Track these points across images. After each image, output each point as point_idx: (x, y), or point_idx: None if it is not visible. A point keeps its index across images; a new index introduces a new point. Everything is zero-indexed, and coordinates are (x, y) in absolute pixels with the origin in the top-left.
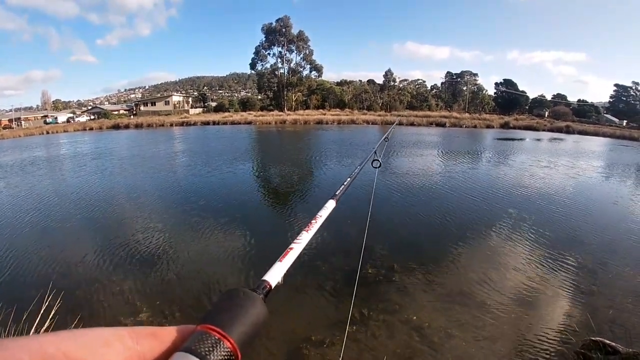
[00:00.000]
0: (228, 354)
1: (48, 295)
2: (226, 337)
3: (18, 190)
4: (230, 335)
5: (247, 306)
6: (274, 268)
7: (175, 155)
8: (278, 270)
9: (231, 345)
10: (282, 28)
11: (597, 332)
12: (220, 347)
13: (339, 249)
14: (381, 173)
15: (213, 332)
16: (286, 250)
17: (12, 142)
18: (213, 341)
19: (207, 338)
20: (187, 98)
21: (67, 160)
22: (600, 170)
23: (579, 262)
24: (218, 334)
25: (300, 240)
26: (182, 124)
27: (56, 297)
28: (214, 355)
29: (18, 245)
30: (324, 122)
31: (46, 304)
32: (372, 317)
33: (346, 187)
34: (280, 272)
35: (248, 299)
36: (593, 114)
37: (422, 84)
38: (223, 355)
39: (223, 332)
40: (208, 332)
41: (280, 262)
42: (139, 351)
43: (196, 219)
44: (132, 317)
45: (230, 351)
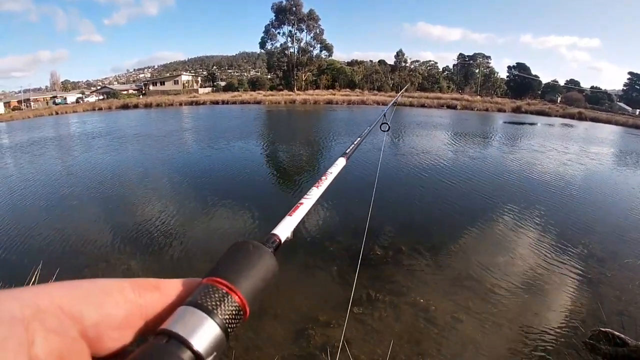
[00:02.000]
0: (236, 308)
1: (53, 273)
2: (234, 290)
3: (26, 170)
4: (238, 288)
5: (256, 259)
6: (283, 222)
7: (184, 133)
8: (288, 225)
9: (239, 299)
10: (293, 7)
11: (606, 323)
12: (227, 300)
13: (346, 227)
14: (389, 153)
15: (220, 285)
16: (296, 205)
17: (22, 123)
18: (220, 295)
19: (213, 291)
20: (196, 77)
21: (76, 140)
22: (612, 158)
23: (588, 251)
24: (225, 287)
25: (310, 196)
26: (191, 104)
27: (61, 275)
28: (220, 310)
29: (23, 222)
30: (333, 102)
31: (48, 279)
32: (379, 299)
33: (356, 145)
34: (290, 227)
35: (257, 251)
36: (606, 101)
37: (433, 66)
38: (230, 310)
39: (230, 285)
40: (214, 285)
41: (290, 217)
42: (141, 304)
43: (205, 196)
44: None
45: (238, 305)
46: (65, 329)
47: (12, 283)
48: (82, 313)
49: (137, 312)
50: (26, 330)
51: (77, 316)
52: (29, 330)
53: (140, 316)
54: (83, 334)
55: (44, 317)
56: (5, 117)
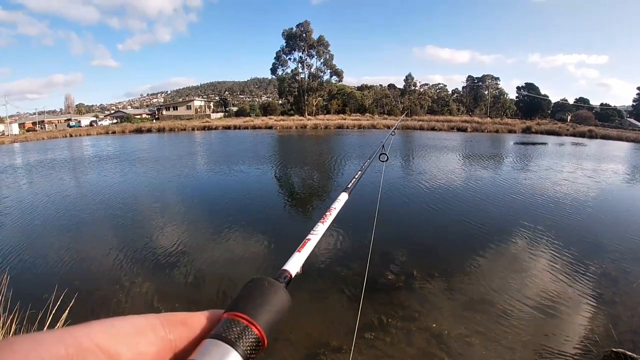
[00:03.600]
0: (255, 339)
1: (66, 294)
2: (253, 323)
3: (41, 189)
4: (256, 321)
5: (271, 294)
6: (293, 258)
7: (197, 157)
8: (297, 260)
9: (258, 332)
10: (303, 33)
11: (618, 343)
12: (248, 333)
13: (356, 252)
14: (399, 176)
15: (240, 319)
16: (304, 241)
17: (35, 145)
18: (241, 328)
19: (235, 325)
20: (208, 103)
21: (90, 162)
22: (624, 175)
23: (601, 270)
24: (245, 320)
25: (316, 232)
26: (203, 128)
27: (74, 297)
28: (242, 341)
29: (38, 243)
30: (344, 127)
31: (63, 304)
32: (390, 324)
33: (357, 179)
34: (299, 262)
35: (272, 287)
36: (616, 118)
37: (442, 88)
38: (251, 341)
39: (250, 319)
40: (235, 319)
41: (299, 253)
42: (171, 340)
43: (218, 220)
44: None
45: (257, 337)
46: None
47: (32, 306)
48: (119, 352)
49: (167, 347)
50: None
51: (115, 355)
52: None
53: (170, 351)
54: None
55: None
56: (20, 137)
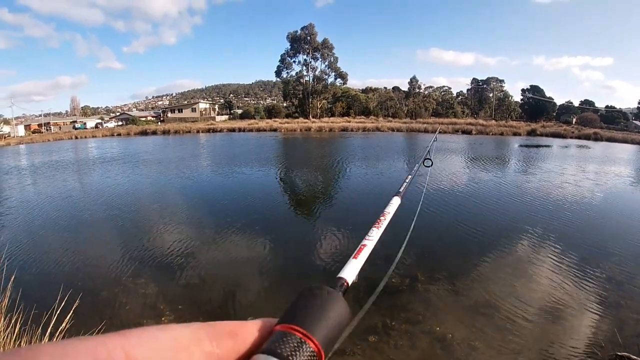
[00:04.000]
0: (312, 355)
1: (70, 295)
2: (310, 337)
3: (45, 191)
4: (313, 335)
5: (329, 304)
6: (349, 265)
7: (201, 160)
8: (353, 267)
9: (315, 347)
10: (307, 36)
11: (623, 347)
12: (304, 348)
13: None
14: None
15: (295, 332)
16: (359, 247)
17: (41, 146)
18: (296, 342)
19: (289, 338)
20: (213, 105)
21: (95, 164)
22: (629, 178)
23: (606, 274)
24: (301, 334)
25: (371, 237)
26: (208, 131)
27: (78, 298)
28: (297, 357)
29: (41, 243)
30: (349, 130)
31: (68, 305)
32: (395, 327)
33: (408, 183)
34: (355, 269)
35: (330, 296)
36: (621, 120)
37: (447, 91)
38: (307, 357)
39: (306, 332)
40: (290, 332)
41: (355, 259)
42: (218, 354)
43: (221, 222)
44: (155, 320)
45: (314, 352)
46: None
47: (37, 306)
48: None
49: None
50: None
51: None
52: None
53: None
54: None
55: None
56: (26, 139)
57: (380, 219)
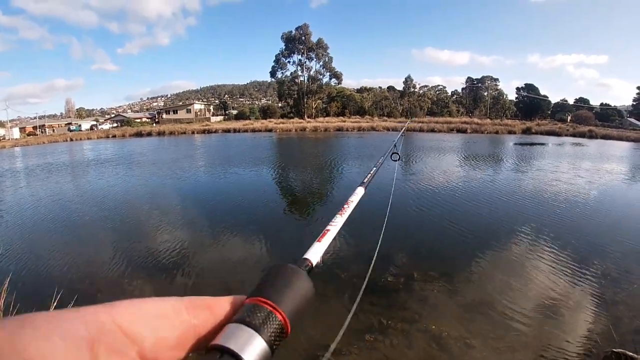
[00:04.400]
0: (279, 326)
1: (66, 297)
2: (277, 309)
3: (39, 193)
4: (280, 307)
5: (294, 280)
6: (313, 247)
7: (196, 161)
8: (317, 250)
9: (282, 318)
10: (302, 36)
11: (619, 344)
12: (271, 318)
13: (357, 254)
14: (399, 175)
15: (264, 304)
16: (323, 231)
17: (36, 149)
18: (265, 313)
19: (258, 310)
20: (208, 106)
21: (90, 166)
22: (624, 175)
23: (602, 271)
24: (269, 306)
25: (335, 223)
26: (203, 132)
27: (73, 300)
28: (266, 327)
29: (36, 246)
30: (344, 129)
31: (64, 307)
32: (391, 326)
33: (372, 175)
34: (319, 252)
35: (295, 273)
36: (616, 117)
37: (442, 90)
38: (275, 327)
39: (274, 304)
40: (259, 305)
41: (319, 242)
42: (194, 324)
43: (217, 223)
44: None
45: (281, 323)
46: (125, 350)
47: (35, 309)
48: (142, 335)
49: (190, 332)
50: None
51: (137, 338)
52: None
53: (193, 335)
54: (141, 354)
55: (106, 337)
56: (21, 141)
57: (344, 207)
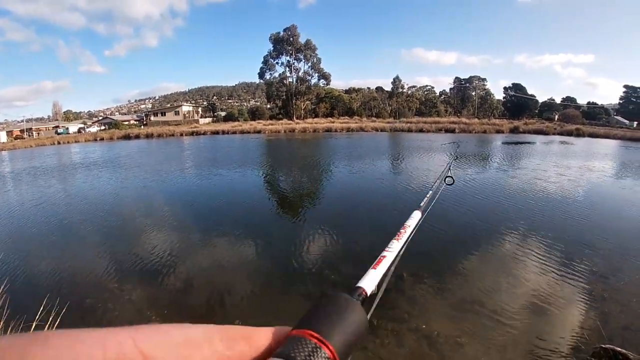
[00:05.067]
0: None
1: (56, 303)
2: (325, 343)
3: (26, 197)
4: (329, 341)
5: (346, 312)
6: (368, 275)
7: (185, 163)
8: (372, 278)
9: (331, 353)
10: (290, 37)
11: (608, 339)
12: (319, 354)
13: (348, 255)
14: (386, 175)
15: (311, 337)
16: (379, 258)
17: (24, 152)
18: (311, 347)
19: (304, 343)
20: (196, 108)
21: (78, 169)
22: (611, 172)
23: (591, 268)
24: (317, 339)
25: (391, 249)
26: (192, 134)
27: (65, 306)
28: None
29: (26, 253)
30: (332, 130)
31: (54, 313)
32: (381, 326)
33: (429, 199)
34: (374, 280)
35: (348, 304)
36: (603, 116)
37: (430, 90)
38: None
39: (322, 338)
40: (305, 337)
41: (374, 270)
42: (229, 356)
43: (204, 225)
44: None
45: (329, 358)
46: None
47: (27, 318)
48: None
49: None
50: None
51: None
52: None
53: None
54: None
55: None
56: (8, 146)
57: (400, 232)
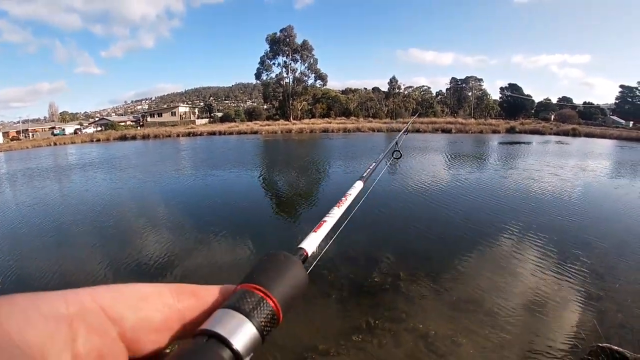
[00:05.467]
0: (271, 312)
1: None
2: (269, 295)
3: (26, 200)
4: (272, 294)
5: (288, 268)
6: (309, 237)
7: (181, 164)
8: (313, 240)
9: (274, 304)
10: (286, 38)
11: (604, 338)
12: (263, 305)
13: (345, 255)
14: (385, 176)
15: (256, 290)
16: (320, 222)
17: (20, 154)
18: (256, 299)
19: (249, 296)
20: (193, 109)
21: (74, 170)
22: (608, 172)
23: (587, 267)
24: (261, 292)
25: (332, 214)
26: (188, 135)
27: None
28: (257, 313)
29: (20, 253)
30: (329, 131)
31: None
32: (378, 326)
33: (372, 170)
34: (315, 242)
35: (289, 261)
36: (599, 115)
37: (427, 91)
38: (266, 314)
39: (265, 291)
40: (251, 290)
41: (315, 233)
42: (179, 308)
43: (204, 226)
44: None
45: (273, 310)
46: (106, 329)
47: None
48: (123, 315)
49: (175, 316)
50: (70, 327)
51: (118, 318)
52: (72, 328)
53: (178, 320)
54: (122, 335)
55: (86, 316)
56: (4, 147)
57: (342, 200)
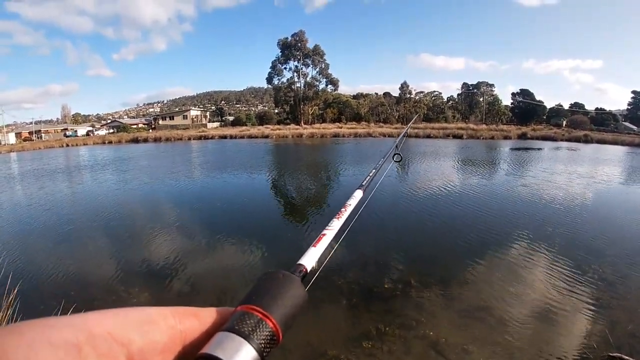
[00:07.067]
0: (270, 333)
1: (64, 306)
2: (268, 316)
3: (35, 200)
4: (271, 314)
5: (286, 287)
6: (308, 253)
7: (193, 167)
8: (312, 255)
9: (273, 325)
10: (298, 42)
11: (615, 347)
12: (262, 326)
13: (354, 261)
14: (395, 183)
15: (254, 312)
16: (319, 236)
17: (32, 154)
18: (255, 321)
19: (248, 317)
20: (204, 112)
21: (86, 172)
22: (619, 179)
23: (598, 276)
24: (260, 313)
25: (331, 227)
26: (200, 138)
27: (71, 310)
28: (256, 335)
29: (33, 255)
30: (340, 135)
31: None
32: (388, 333)
33: (371, 177)
34: (314, 257)
35: (287, 280)
36: (611, 122)
37: (438, 96)
38: (265, 335)
39: (264, 312)
40: (249, 312)
41: (314, 247)
42: (181, 330)
43: (213, 230)
44: None
45: (272, 331)
46: (114, 354)
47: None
48: (130, 339)
49: (177, 338)
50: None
51: (125, 342)
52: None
53: (180, 342)
54: (130, 358)
55: (95, 342)
56: (17, 147)
57: (341, 211)
